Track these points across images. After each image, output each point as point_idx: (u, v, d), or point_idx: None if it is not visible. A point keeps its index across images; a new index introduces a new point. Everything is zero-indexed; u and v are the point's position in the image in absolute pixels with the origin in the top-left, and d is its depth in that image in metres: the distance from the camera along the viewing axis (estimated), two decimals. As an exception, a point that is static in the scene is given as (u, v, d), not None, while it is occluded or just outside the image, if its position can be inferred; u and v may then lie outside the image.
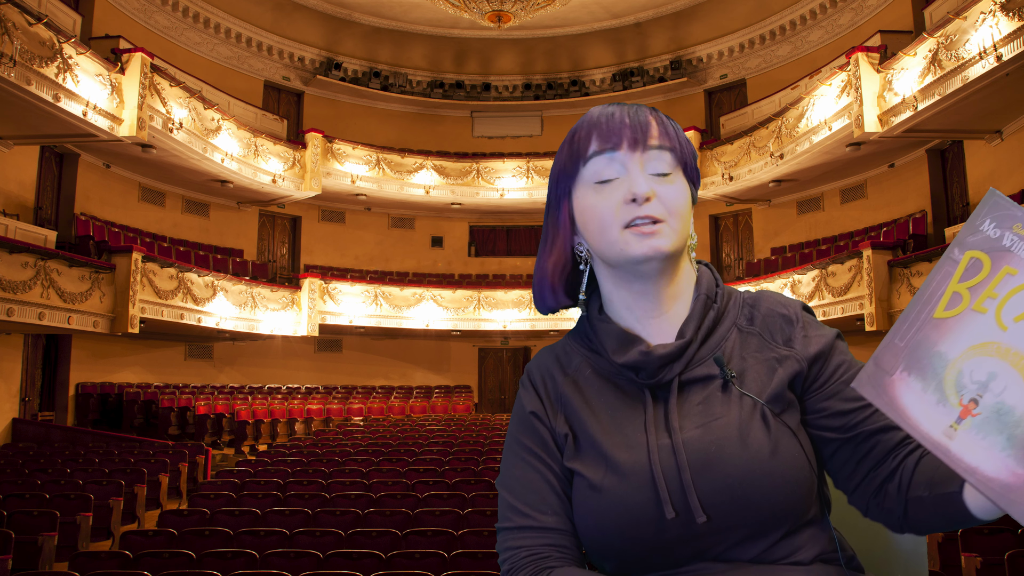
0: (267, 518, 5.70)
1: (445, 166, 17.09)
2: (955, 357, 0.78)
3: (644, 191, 0.91)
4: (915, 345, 0.80)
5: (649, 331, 0.97)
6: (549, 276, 1.01)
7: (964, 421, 0.77)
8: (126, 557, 4.42)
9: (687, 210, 0.95)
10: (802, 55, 15.43)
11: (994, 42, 8.39)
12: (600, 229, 0.94)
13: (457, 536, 5.12)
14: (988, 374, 0.77)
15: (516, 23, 14.93)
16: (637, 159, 0.93)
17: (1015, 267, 0.77)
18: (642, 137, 0.94)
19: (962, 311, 0.79)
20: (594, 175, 0.95)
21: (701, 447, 0.89)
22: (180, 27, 14.94)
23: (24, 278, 9.16)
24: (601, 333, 0.98)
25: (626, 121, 0.95)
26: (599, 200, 0.94)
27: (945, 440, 0.77)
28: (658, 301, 0.97)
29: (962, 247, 0.80)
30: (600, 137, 0.94)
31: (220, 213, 15.83)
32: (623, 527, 0.89)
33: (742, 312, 1.00)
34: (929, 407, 0.79)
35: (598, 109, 0.98)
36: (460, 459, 8.46)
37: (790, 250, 14.90)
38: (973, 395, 0.77)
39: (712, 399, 0.93)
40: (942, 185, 12.32)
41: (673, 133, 0.96)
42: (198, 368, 15.10)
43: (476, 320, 16.34)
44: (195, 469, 9.14)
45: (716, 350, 0.96)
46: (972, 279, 0.79)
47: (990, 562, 4.37)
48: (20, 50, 8.73)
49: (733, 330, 0.98)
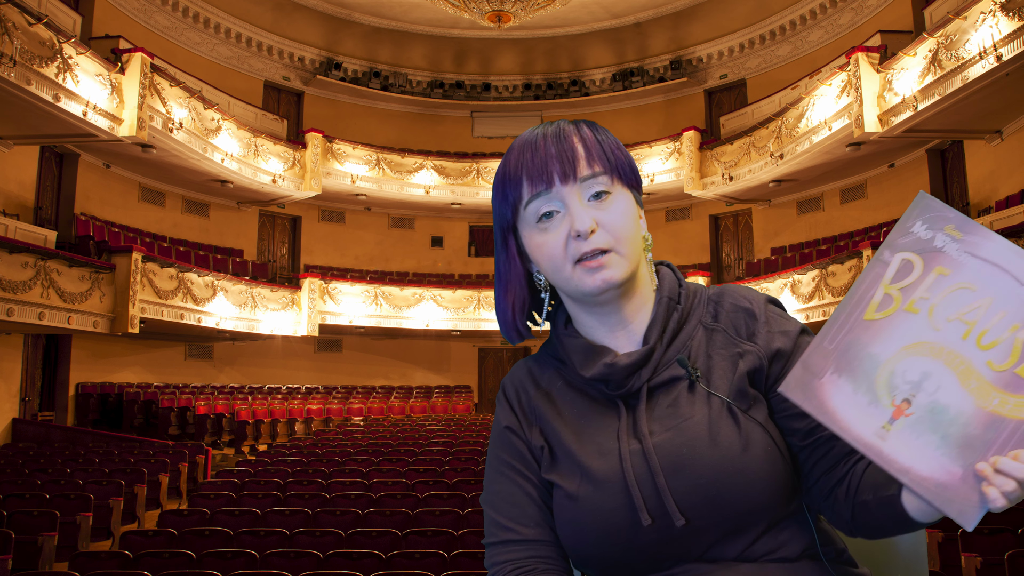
0: (267, 518, 5.70)
1: (445, 166, 17.08)
2: (887, 358, 0.78)
3: (586, 226, 0.90)
4: (845, 347, 0.79)
5: (618, 342, 0.98)
6: (511, 313, 1.01)
7: (897, 421, 0.77)
8: (126, 557, 4.42)
9: (633, 227, 0.94)
10: (802, 55, 15.43)
11: (994, 42, 8.39)
12: (553, 268, 0.94)
13: (457, 536, 5.12)
14: (921, 374, 0.77)
15: (516, 23, 14.93)
16: (572, 191, 0.93)
17: (947, 268, 0.77)
18: (571, 169, 0.93)
19: (894, 312, 0.78)
20: (534, 215, 0.94)
21: (672, 449, 0.89)
22: (180, 27, 14.94)
23: (24, 278, 9.16)
24: (568, 347, 0.99)
25: (552, 153, 0.93)
26: (545, 239, 0.94)
27: (877, 441, 0.77)
28: (622, 316, 0.97)
29: (892, 249, 0.79)
30: (530, 180, 0.94)
31: (220, 213, 15.83)
32: (601, 534, 0.90)
33: (707, 309, 1.00)
34: (860, 409, 0.78)
35: (521, 141, 0.97)
36: (460, 459, 8.46)
37: (790, 250, 14.90)
38: (906, 395, 0.77)
39: (680, 401, 0.93)
40: (942, 185, 12.32)
41: (600, 151, 0.94)
42: (198, 368, 15.10)
43: (476, 320, 16.34)
44: (195, 469, 9.14)
45: (682, 351, 0.96)
46: (904, 281, 0.78)
47: (990, 562, 4.37)
48: (20, 50, 8.73)
49: (699, 328, 0.98)
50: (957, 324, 0.76)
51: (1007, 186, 10.37)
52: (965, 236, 0.77)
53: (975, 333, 0.76)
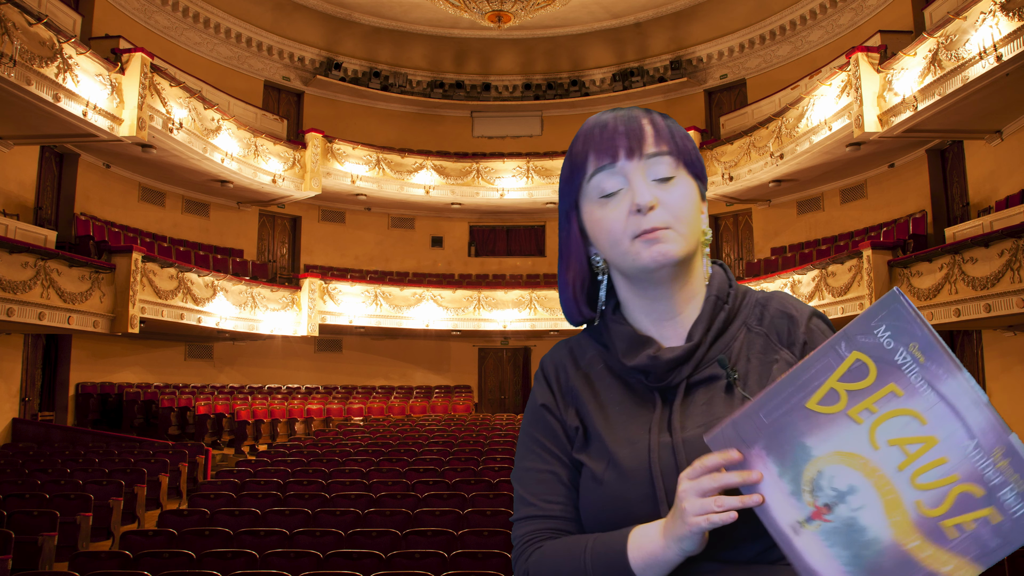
0: (267, 518, 5.69)
1: (445, 166, 17.08)
2: (819, 456, 0.76)
3: (647, 200, 0.92)
4: (780, 427, 0.77)
5: (664, 333, 0.99)
6: (571, 290, 1.02)
7: (814, 522, 0.76)
8: (126, 557, 4.42)
9: (693, 212, 0.96)
10: (802, 55, 15.43)
11: (994, 42, 8.38)
12: (610, 242, 0.95)
13: (457, 536, 5.12)
14: (849, 486, 0.75)
15: (516, 23, 14.93)
16: (637, 167, 0.94)
17: (902, 388, 0.74)
18: (638, 145, 0.94)
19: (836, 412, 0.76)
20: (597, 190, 0.96)
21: (701, 447, 0.89)
22: (180, 27, 14.94)
23: (24, 278, 9.16)
24: (613, 333, 1.00)
25: (620, 130, 0.95)
26: (605, 214, 0.95)
27: (791, 533, 0.76)
28: (672, 304, 0.98)
29: (850, 344, 0.76)
30: (597, 153, 0.95)
31: (220, 213, 15.83)
32: (619, 521, 0.91)
33: (753, 312, 1.01)
34: (782, 494, 0.77)
35: (592, 120, 0.99)
36: (460, 459, 8.46)
37: (790, 250, 14.90)
38: (828, 500, 0.75)
39: (715, 400, 0.94)
40: (942, 185, 12.31)
41: (669, 134, 0.96)
42: (198, 368, 15.10)
43: (476, 320, 16.34)
44: (195, 469, 9.14)
45: (724, 351, 0.96)
46: (854, 383, 0.75)
47: (990, 562, 4.36)
48: (20, 50, 8.72)
49: (743, 330, 0.99)
50: (897, 451, 0.74)
51: (1007, 186, 10.37)
52: (928, 362, 0.73)
53: (912, 468, 0.73)
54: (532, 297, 16.42)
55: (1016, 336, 9.98)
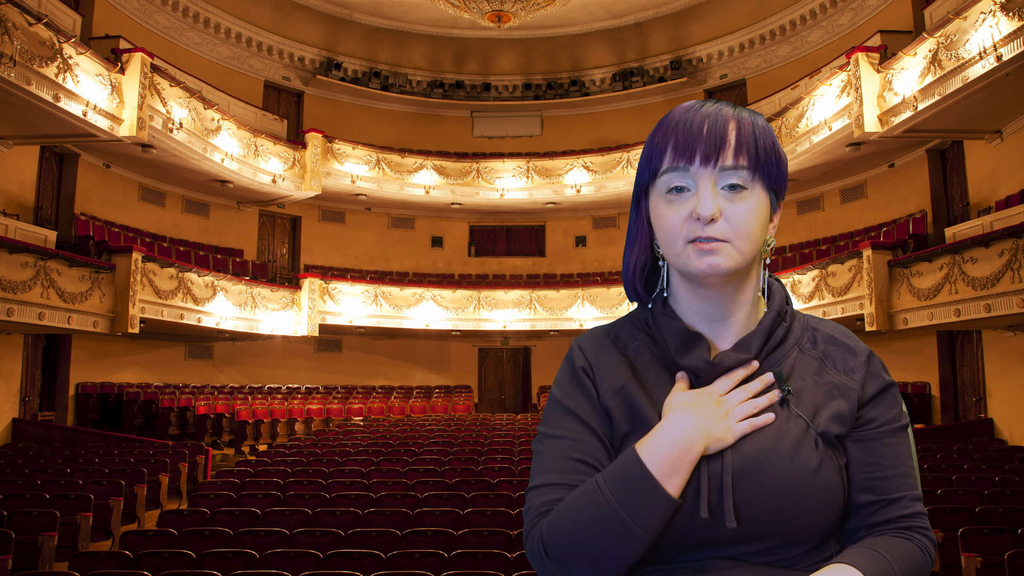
0: (267, 518, 5.69)
1: (445, 166, 17.08)
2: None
3: (708, 212, 0.91)
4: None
5: (712, 332, 0.99)
6: (632, 271, 1.03)
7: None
8: (126, 557, 4.42)
9: (757, 227, 0.94)
10: (802, 55, 15.44)
11: (994, 42, 8.38)
12: (667, 240, 0.95)
13: (457, 536, 5.12)
14: None
15: (516, 23, 14.93)
16: (709, 176, 0.93)
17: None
18: (715, 153, 0.92)
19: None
20: (666, 185, 0.95)
21: (749, 453, 0.90)
22: (180, 27, 14.94)
23: (24, 278, 9.16)
24: (664, 328, 0.99)
25: (703, 134, 0.93)
26: (667, 211, 0.94)
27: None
28: (722, 306, 0.98)
29: None
30: (674, 151, 0.94)
31: (220, 213, 15.83)
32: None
33: (805, 334, 1.01)
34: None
35: (680, 111, 0.97)
36: (460, 459, 8.46)
37: (790, 250, 14.90)
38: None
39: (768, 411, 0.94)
40: (942, 185, 12.31)
41: (751, 144, 0.94)
42: (198, 368, 15.10)
43: (476, 320, 16.34)
44: (195, 469, 9.14)
45: (775, 366, 0.96)
46: None
47: (990, 562, 4.37)
48: (20, 50, 8.72)
49: (795, 350, 0.99)
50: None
51: (1007, 186, 10.37)
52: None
53: None
54: (532, 297, 16.42)
55: (1016, 336, 9.98)
